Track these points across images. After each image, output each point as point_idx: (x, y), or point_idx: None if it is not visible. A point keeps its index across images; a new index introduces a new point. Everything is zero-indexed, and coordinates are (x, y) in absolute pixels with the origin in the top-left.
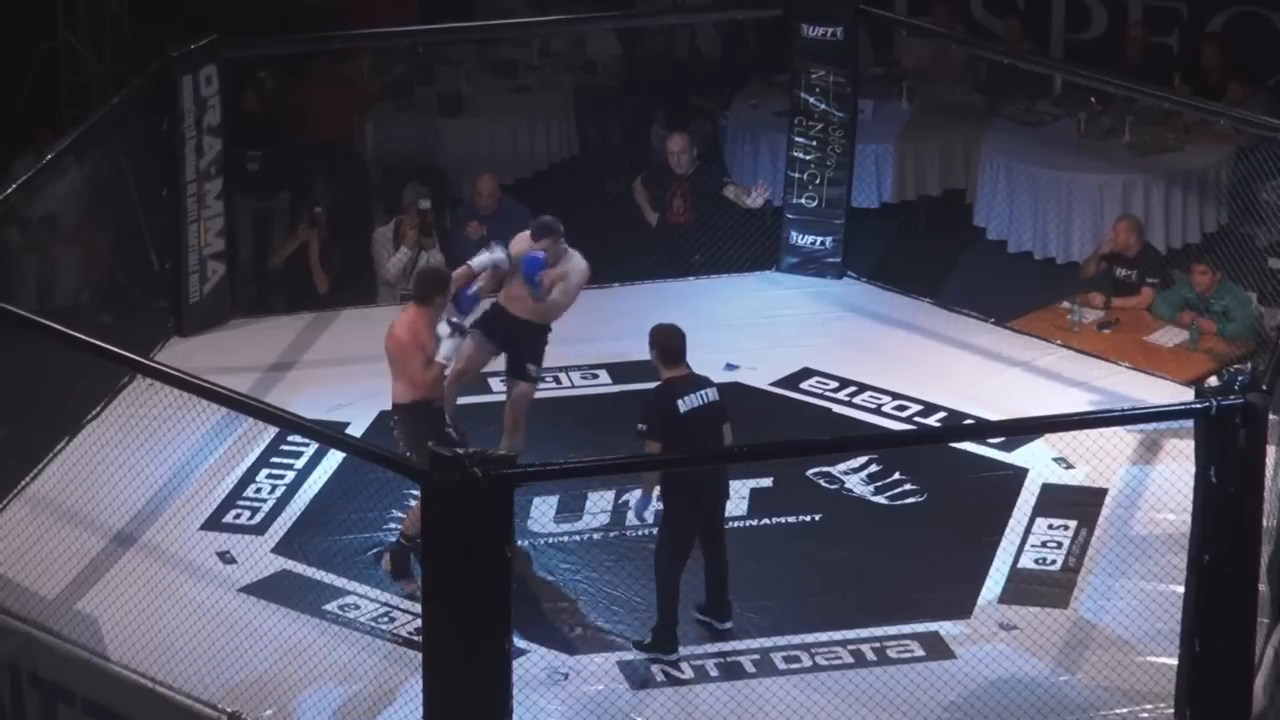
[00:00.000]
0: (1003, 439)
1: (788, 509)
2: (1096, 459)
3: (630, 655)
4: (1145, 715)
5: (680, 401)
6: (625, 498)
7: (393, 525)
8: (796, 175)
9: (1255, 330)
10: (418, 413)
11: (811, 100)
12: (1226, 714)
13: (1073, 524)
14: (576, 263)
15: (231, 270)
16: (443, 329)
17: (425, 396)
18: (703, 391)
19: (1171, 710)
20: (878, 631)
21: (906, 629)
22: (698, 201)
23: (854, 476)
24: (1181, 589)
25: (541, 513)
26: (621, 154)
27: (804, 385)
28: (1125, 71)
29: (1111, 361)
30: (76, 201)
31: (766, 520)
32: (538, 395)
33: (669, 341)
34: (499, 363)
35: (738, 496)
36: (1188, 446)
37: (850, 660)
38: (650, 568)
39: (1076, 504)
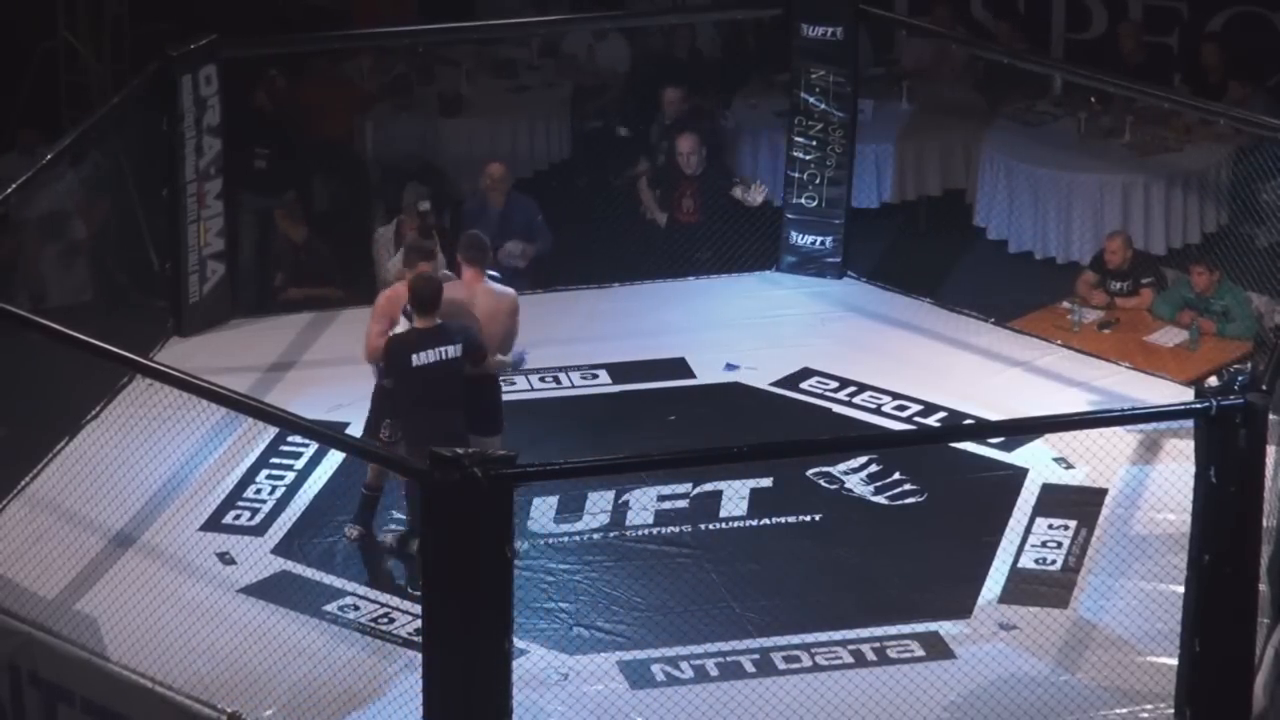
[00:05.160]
0: (1003, 439)
1: (788, 509)
2: (1096, 459)
3: (630, 655)
4: (1145, 715)
5: (414, 356)
6: (625, 498)
7: (393, 526)
8: (796, 175)
9: (1255, 330)
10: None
11: (811, 100)
12: (1226, 714)
13: (1073, 524)
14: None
15: (232, 269)
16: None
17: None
18: (441, 349)
19: (1171, 710)
20: (878, 631)
21: (906, 629)
22: (705, 201)
23: (854, 476)
24: (1181, 589)
25: (541, 513)
26: (620, 153)
27: (804, 385)
28: (1125, 71)
29: (1111, 361)
30: (76, 201)
31: (766, 520)
32: (538, 395)
33: (423, 290)
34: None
35: (738, 496)
36: (1188, 446)
37: (850, 660)
38: (650, 568)
39: (1076, 504)
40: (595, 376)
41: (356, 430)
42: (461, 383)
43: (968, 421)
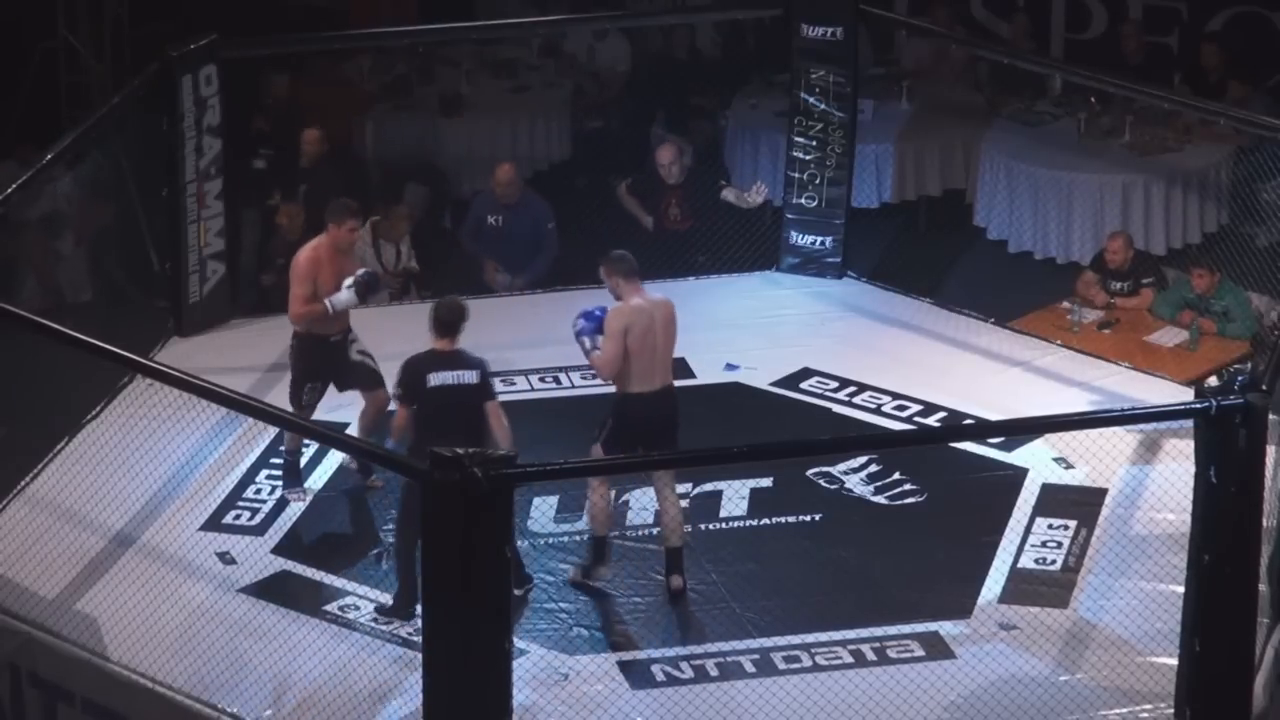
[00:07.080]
0: (1003, 439)
1: (788, 509)
2: (1096, 459)
3: (630, 655)
4: (1145, 715)
5: (431, 375)
6: (625, 497)
7: (393, 526)
8: (796, 175)
9: (1255, 330)
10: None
11: (811, 100)
12: (1226, 714)
13: (1073, 524)
14: None
15: (234, 268)
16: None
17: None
18: (459, 372)
19: (1171, 710)
20: (878, 631)
21: (906, 629)
22: (695, 206)
23: (854, 476)
24: (1181, 589)
25: (541, 513)
26: (620, 153)
27: (804, 385)
28: (1125, 71)
29: (1111, 361)
30: (76, 202)
31: (766, 520)
32: (538, 395)
33: (444, 314)
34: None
35: (738, 496)
36: (1188, 446)
37: (850, 660)
38: (650, 567)
39: (1076, 504)
40: (595, 376)
41: (357, 430)
42: (477, 414)
43: (968, 421)
